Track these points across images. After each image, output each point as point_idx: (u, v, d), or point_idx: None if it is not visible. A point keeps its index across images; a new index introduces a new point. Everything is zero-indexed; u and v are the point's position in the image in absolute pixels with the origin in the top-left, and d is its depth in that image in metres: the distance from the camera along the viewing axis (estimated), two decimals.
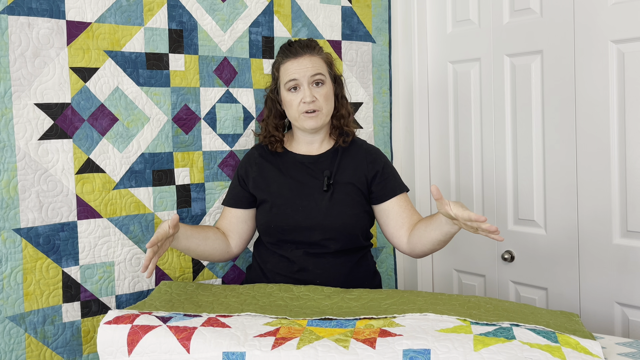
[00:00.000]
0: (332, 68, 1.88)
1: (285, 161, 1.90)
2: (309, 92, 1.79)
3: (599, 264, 2.01)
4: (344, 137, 1.90)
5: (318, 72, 1.81)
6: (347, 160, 1.87)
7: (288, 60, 1.82)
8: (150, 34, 1.93)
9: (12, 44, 1.69)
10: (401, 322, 1.39)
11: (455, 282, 2.49)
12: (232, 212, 1.92)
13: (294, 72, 1.80)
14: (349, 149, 1.90)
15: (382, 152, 1.94)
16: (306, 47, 1.83)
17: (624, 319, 1.98)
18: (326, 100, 1.82)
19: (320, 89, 1.81)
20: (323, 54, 1.87)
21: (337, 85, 1.90)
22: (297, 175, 1.87)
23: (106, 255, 1.87)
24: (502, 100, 2.25)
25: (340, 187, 1.83)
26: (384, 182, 1.85)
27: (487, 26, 2.28)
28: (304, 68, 1.80)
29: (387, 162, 1.91)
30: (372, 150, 1.92)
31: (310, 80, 1.80)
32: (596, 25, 1.96)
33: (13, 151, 1.70)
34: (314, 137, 1.89)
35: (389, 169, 1.89)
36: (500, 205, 2.29)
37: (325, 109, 1.83)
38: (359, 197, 1.84)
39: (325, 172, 1.84)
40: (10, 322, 1.70)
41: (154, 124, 1.95)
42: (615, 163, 1.95)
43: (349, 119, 1.91)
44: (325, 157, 1.88)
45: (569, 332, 1.36)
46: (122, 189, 1.90)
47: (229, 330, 1.39)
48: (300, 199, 1.82)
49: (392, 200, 1.85)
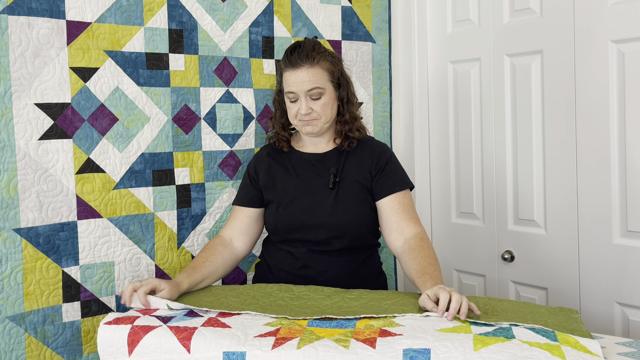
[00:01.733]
0: (334, 74, 1.84)
1: (291, 160, 1.91)
2: (305, 105, 1.79)
3: (599, 263, 2.01)
4: (349, 141, 1.88)
5: (315, 86, 1.79)
6: (353, 158, 1.87)
7: (287, 70, 1.82)
8: (150, 34, 1.93)
9: (12, 44, 1.69)
10: (401, 322, 1.39)
11: (455, 282, 2.49)
12: (245, 212, 1.91)
13: (291, 84, 1.80)
14: (356, 147, 1.89)
15: (388, 148, 1.92)
16: (306, 58, 1.79)
17: (624, 319, 1.98)
18: (324, 110, 1.82)
19: (317, 101, 1.81)
20: (324, 62, 1.82)
21: (342, 89, 1.87)
22: (303, 174, 1.87)
23: (106, 255, 1.87)
24: (502, 100, 2.25)
25: (346, 184, 1.83)
26: (383, 179, 1.84)
27: (487, 26, 2.28)
28: (301, 82, 1.79)
29: (391, 158, 1.88)
30: (378, 146, 1.90)
31: (307, 94, 1.80)
32: (596, 25, 1.96)
33: (13, 151, 1.70)
34: (318, 139, 1.90)
35: (391, 165, 1.86)
36: (500, 205, 2.29)
37: (324, 117, 1.83)
38: (365, 195, 1.84)
39: (331, 170, 1.85)
40: (10, 322, 1.70)
41: (154, 124, 1.95)
42: (615, 163, 1.95)
43: (354, 125, 1.88)
44: (331, 155, 1.88)
45: (568, 331, 1.36)
46: (122, 189, 1.90)
47: (229, 330, 1.39)
48: (305, 198, 1.82)
49: (385, 200, 1.82)
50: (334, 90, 1.85)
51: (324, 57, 1.83)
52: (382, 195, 1.83)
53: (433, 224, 2.54)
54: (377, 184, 1.84)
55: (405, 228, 1.78)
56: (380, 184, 1.84)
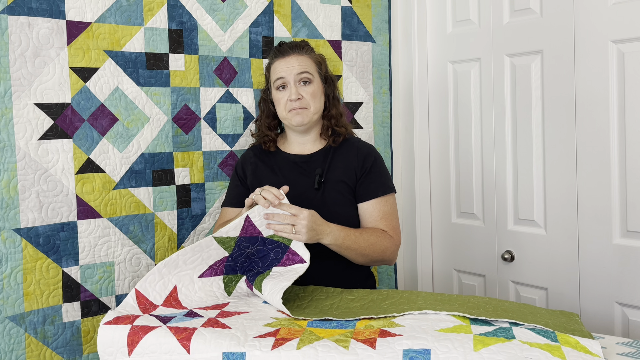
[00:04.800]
0: (322, 68, 1.90)
1: (278, 161, 1.91)
2: (294, 90, 1.82)
3: (599, 263, 2.01)
4: (335, 136, 1.90)
5: (304, 70, 1.83)
6: (339, 159, 1.87)
7: (277, 60, 1.87)
8: (150, 34, 1.93)
9: (12, 44, 1.69)
10: (401, 322, 1.39)
11: (455, 282, 2.49)
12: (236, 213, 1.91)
13: (280, 70, 1.84)
14: (342, 147, 1.90)
15: (374, 149, 1.92)
16: (295, 47, 1.86)
17: (624, 319, 1.98)
18: (313, 98, 1.84)
19: (307, 87, 1.83)
20: (313, 54, 1.89)
21: (329, 86, 1.91)
22: (289, 175, 1.87)
23: (106, 255, 1.87)
24: (502, 100, 2.25)
25: (332, 185, 1.83)
26: (367, 183, 1.84)
27: (487, 26, 2.28)
28: (290, 66, 1.83)
29: (377, 160, 1.89)
30: (364, 147, 1.91)
31: (296, 79, 1.82)
32: (596, 25, 1.96)
33: (13, 151, 1.70)
34: (305, 137, 1.90)
35: (377, 168, 1.87)
36: (500, 205, 2.29)
37: (313, 107, 1.84)
38: (351, 196, 1.84)
39: (317, 170, 1.85)
40: (10, 322, 1.70)
41: (154, 124, 1.95)
42: (615, 163, 1.95)
43: (340, 120, 1.91)
44: (317, 156, 1.89)
45: (568, 331, 1.36)
46: (122, 189, 1.90)
47: (229, 330, 1.39)
48: (291, 199, 1.82)
49: (366, 204, 1.84)
50: (321, 82, 1.88)
51: (312, 51, 1.91)
52: (364, 199, 1.84)
53: (433, 224, 2.54)
54: (361, 187, 1.84)
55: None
56: (364, 187, 1.84)
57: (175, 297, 1.57)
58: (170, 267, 1.58)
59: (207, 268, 1.64)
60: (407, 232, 2.58)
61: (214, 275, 1.65)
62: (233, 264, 1.67)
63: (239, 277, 1.69)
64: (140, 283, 1.55)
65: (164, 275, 1.57)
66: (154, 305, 1.54)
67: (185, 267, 1.61)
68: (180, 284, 1.59)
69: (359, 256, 1.77)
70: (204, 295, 1.63)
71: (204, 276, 1.64)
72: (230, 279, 1.68)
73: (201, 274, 1.63)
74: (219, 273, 1.66)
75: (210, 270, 1.64)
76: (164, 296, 1.56)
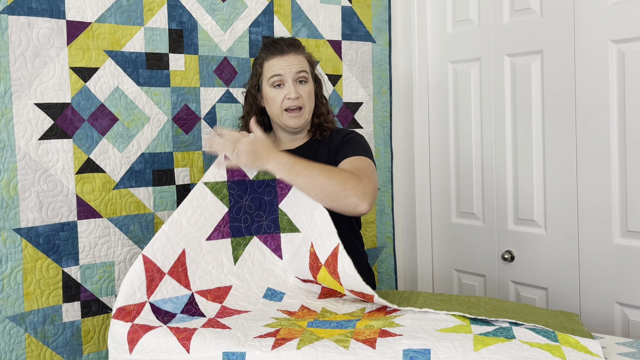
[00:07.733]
0: (313, 67, 1.91)
1: None
2: (293, 89, 1.80)
3: (599, 263, 2.01)
4: (322, 129, 1.89)
5: (302, 69, 1.83)
6: (324, 147, 1.87)
7: (274, 57, 1.83)
8: (150, 34, 1.93)
9: (12, 44, 1.69)
10: (401, 322, 1.39)
11: (455, 282, 2.49)
12: None
13: (279, 68, 1.81)
14: (326, 139, 1.89)
15: (351, 130, 1.90)
16: (292, 46, 1.85)
17: (624, 319, 1.98)
18: (309, 98, 1.84)
19: (304, 86, 1.83)
20: (306, 53, 1.89)
21: (317, 85, 1.92)
22: None
23: (106, 255, 1.87)
24: (502, 100, 2.25)
25: None
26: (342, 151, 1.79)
27: (487, 26, 2.28)
28: (289, 65, 1.81)
29: (354, 135, 1.85)
30: (344, 131, 1.90)
31: (295, 77, 1.82)
32: (596, 25, 1.96)
33: (13, 151, 1.70)
34: (295, 137, 1.90)
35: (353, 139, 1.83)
36: (500, 205, 2.29)
37: (308, 107, 1.84)
38: None
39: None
40: (10, 322, 1.70)
41: (154, 123, 1.95)
42: (615, 163, 1.95)
43: (328, 117, 1.92)
44: (304, 148, 1.89)
45: (568, 331, 1.36)
46: (122, 188, 1.90)
47: (229, 331, 1.39)
48: None
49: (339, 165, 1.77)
50: (313, 82, 1.88)
51: (305, 49, 1.90)
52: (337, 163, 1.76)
53: (433, 224, 2.54)
54: (338, 156, 1.79)
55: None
56: (340, 156, 1.78)
57: (183, 263, 1.56)
58: (176, 230, 1.57)
59: (213, 230, 1.63)
60: (407, 232, 2.58)
61: (221, 237, 1.65)
62: (237, 224, 1.67)
63: (247, 239, 1.68)
64: (147, 248, 1.52)
65: (172, 239, 1.55)
66: (161, 272, 1.51)
67: (190, 227, 1.59)
68: (188, 248, 1.58)
69: (314, 186, 1.62)
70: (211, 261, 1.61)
71: (212, 239, 1.63)
72: (238, 242, 1.67)
73: (208, 237, 1.63)
74: (225, 235, 1.66)
75: (217, 232, 1.64)
76: (172, 261, 1.54)
